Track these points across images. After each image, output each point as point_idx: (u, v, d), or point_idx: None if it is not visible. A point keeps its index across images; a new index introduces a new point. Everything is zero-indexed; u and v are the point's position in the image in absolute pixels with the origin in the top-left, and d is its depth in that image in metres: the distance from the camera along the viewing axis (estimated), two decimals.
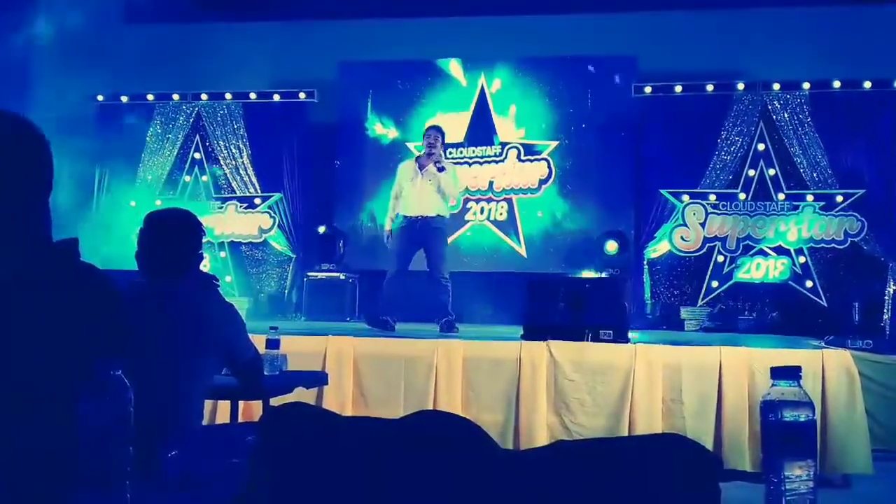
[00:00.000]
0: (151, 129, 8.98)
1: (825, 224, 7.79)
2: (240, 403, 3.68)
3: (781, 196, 7.96)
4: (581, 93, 8.53)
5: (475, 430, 1.16)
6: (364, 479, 1.15)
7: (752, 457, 4.52)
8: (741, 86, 8.10)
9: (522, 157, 8.63)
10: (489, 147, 8.69)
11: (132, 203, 8.56)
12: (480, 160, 8.69)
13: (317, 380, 4.26)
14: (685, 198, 8.11)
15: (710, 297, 7.95)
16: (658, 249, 8.15)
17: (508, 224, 8.61)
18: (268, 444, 1.23)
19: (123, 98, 9.07)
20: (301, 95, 8.90)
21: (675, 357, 4.81)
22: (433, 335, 5.49)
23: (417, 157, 6.46)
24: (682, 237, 8.08)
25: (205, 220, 2.96)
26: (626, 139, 8.46)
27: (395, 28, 8.58)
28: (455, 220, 8.59)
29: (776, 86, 8.02)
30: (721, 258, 7.99)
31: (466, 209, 8.63)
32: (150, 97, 9.05)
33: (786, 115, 7.98)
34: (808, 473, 1.19)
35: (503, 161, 8.66)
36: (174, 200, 8.59)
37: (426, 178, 6.25)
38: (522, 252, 8.56)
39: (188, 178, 8.98)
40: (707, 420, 4.66)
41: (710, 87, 8.18)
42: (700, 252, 8.04)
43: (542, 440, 4.59)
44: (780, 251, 7.88)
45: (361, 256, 8.41)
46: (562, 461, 1.13)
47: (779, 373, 1.24)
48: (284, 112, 8.92)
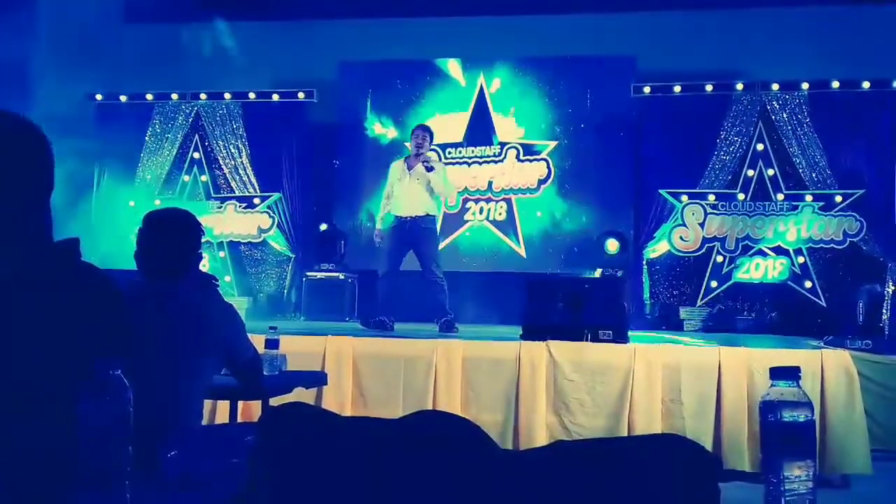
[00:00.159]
0: (150, 129, 8.98)
1: (824, 224, 7.79)
2: (239, 403, 3.67)
3: (780, 196, 7.96)
4: (580, 93, 8.53)
5: (474, 431, 1.16)
6: (363, 480, 1.15)
7: (752, 457, 4.52)
8: (740, 86, 8.09)
9: (521, 157, 8.63)
10: (488, 147, 8.68)
11: (131, 203, 8.56)
12: (479, 160, 8.68)
13: (316, 380, 4.26)
14: (684, 198, 8.11)
15: (710, 298, 7.95)
16: (657, 249, 8.15)
17: (507, 224, 8.61)
18: (267, 444, 1.23)
19: (122, 97, 9.06)
20: (300, 95, 8.89)
21: (675, 357, 4.81)
22: (432, 335, 5.49)
23: (406, 157, 6.46)
24: (681, 237, 8.08)
25: (204, 220, 2.96)
26: (626, 139, 8.46)
27: (395, 28, 8.57)
28: (454, 220, 8.62)
29: (775, 86, 8.02)
30: (720, 258, 7.99)
31: (465, 209, 8.64)
32: (150, 97, 9.03)
33: (785, 116, 7.98)
34: (808, 474, 1.19)
35: (502, 161, 8.65)
36: (173, 200, 8.58)
37: (414, 178, 6.25)
38: (521, 252, 8.56)
39: (187, 178, 8.97)
40: (706, 420, 4.66)
41: (710, 88, 8.17)
42: (699, 252, 8.04)
43: (542, 440, 4.60)
44: (779, 251, 7.88)
45: (360, 256, 8.40)
46: (561, 461, 1.13)
47: (778, 373, 1.24)
48: (284, 112, 8.91)
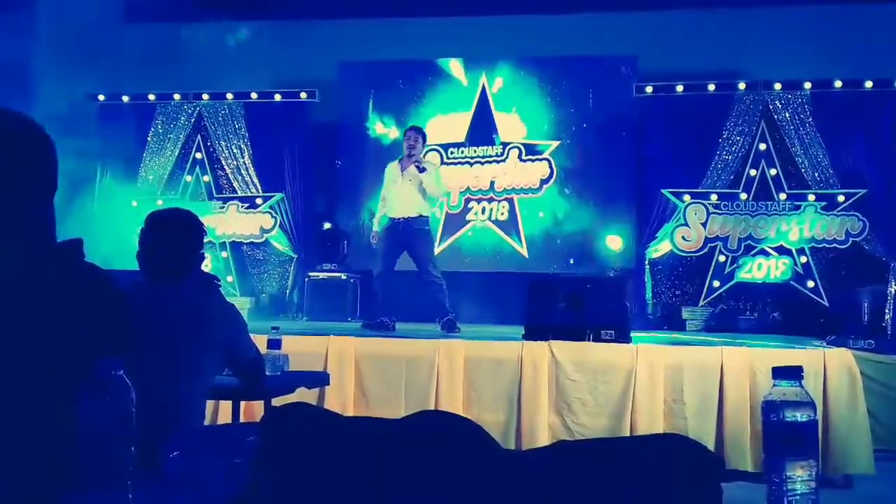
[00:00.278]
0: (153, 129, 8.99)
1: (827, 224, 7.78)
2: (241, 404, 3.68)
3: (783, 196, 7.95)
4: (582, 92, 8.53)
5: (477, 431, 1.16)
6: (365, 480, 1.15)
7: (754, 457, 4.52)
8: (742, 85, 8.09)
9: (524, 157, 8.62)
10: (490, 147, 8.68)
11: (133, 203, 8.57)
12: (482, 160, 8.68)
13: (318, 380, 4.26)
14: (686, 198, 8.10)
15: (712, 297, 7.94)
16: (659, 249, 8.14)
17: (510, 224, 8.61)
18: (269, 445, 1.23)
19: (125, 98, 9.07)
20: (302, 95, 8.90)
21: (677, 357, 4.81)
22: (434, 335, 5.49)
23: (400, 159, 6.47)
24: (684, 237, 8.07)
25: (206, 220, 2.97)
26: (628, 139, 8.46)
27: (396, 28, 8.57)
28: (456, 220, 8.63)
29: (777, 85, 8.02)
30: (722, 258, 7.98)
31: (468, 209, 8.64)
32: (152, 97, 9.05)
33: (787, 115, 7.98)
34: (810, 473, 1.19)
35: (504, 161, 8.65)
36: (175, 200, 8.59)
37: (407, 179, 6.28)
38: (524, 252, 8.56)
39: (189, 178, 8.98)
40: (709, 420, 4.66)
41: (712, 87, 8.17)
42: (701, 252, 8.03)
43: (544, 440, 4.60)
44: (782, 251, 7.87)
45: (363, 256, 8.39)
46: (563, 461, 1.13)
47: (780, 373, 1.24)
48: (285, 112, 8.92)
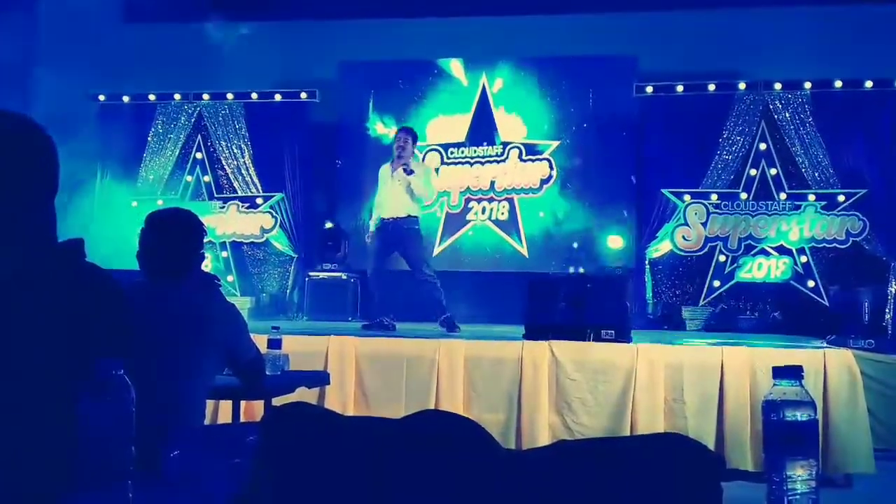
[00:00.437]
0: (153, 129, 8.99)
1: (827, 224, 7.78)
2: (241, 403, 3.68)
3: (783, 196, 7.95)
4: (582, 92, 8.53)
5: (477, 430, 1.16)
6: (366, 479, 1.15)
7: (754, 456, 4.52)
8: (742, 85, 8.09)
9: (524, 157, 8.62)
10: (491, 147, 8.68)
11: (133, 203, 8.56)
12: (482, 160, 8.68)
13: (318, 379, 4.26)
14: (686, 197, 8.10)
15: (712, 297, 7.94)
16: (660, 249, 8.14)
17: (510, 224, 8.60)
18: (270, 444, 1.23)
19: (125, 98, 9.07)
20: (302, 95, 8.90)
21: (677, 357, 4.81)
22: (434, 334, 5.50)
23: (392, 161, 6.49)
24: (684, 237, 8.07)
25: (206, 220, 2.97)
26: (628, 139, 8.46)
27: (396, 28, 8.57)
28: (456, 220, 8.63)
29: (777, 85, 8.01)
30: (723, 258, 7.98)
31: (468, 209, 8.64)
32: (152, 97, 9.05)
33: (787, 115, 7.97)
34: (810, 473, 1.19)
35: (504, 161, 8.65)
36: (176, 200, 8.59)
37: (396, 180, 6.31)
38: (524, 252, 8.56)
39: (190, 178, 8.98)
40: (709, 419, 4.67)
41: (712, 87, 8.17)
42: (702, 252, 8.03)
43: (544, 440, 4.60)
44: (782, 251, 7.87)
45: (363, 256, 8.38)
46: (564, 461, 1.13)
47: (780, 372, 1.24)
48: (286, 112, 8.92)
